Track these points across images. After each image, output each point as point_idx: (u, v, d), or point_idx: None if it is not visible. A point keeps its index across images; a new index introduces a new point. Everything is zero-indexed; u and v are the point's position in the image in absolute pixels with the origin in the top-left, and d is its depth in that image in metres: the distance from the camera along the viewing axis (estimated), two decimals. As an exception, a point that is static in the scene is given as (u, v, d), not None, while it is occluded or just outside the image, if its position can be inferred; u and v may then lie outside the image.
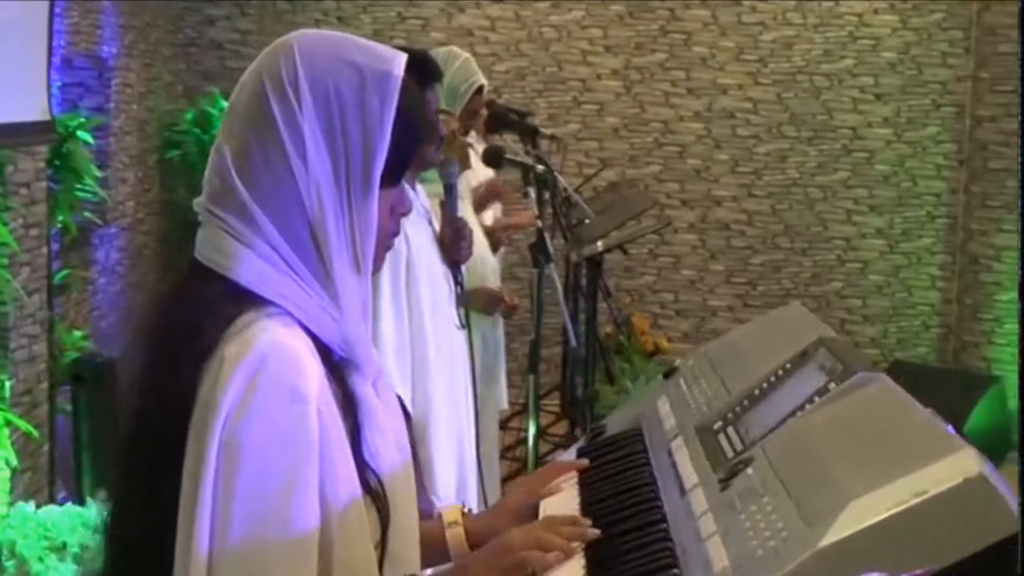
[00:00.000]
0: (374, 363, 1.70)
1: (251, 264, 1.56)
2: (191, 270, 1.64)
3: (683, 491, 1.85)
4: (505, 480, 5.16)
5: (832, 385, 1.83)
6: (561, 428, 6.26)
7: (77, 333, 4.85)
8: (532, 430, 4.92)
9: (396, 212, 1.70)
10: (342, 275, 1.59)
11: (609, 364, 6.07)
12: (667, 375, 2.41)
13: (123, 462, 1.66)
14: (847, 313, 7.66)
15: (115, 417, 4.33)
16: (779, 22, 7.57)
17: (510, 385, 4.75)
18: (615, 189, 6.93)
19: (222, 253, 1.58)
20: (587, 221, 5.52)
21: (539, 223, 4.65)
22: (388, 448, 1.69)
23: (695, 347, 7.59)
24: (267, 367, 1.49)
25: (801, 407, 1.84)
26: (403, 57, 1.64)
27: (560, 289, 4.88)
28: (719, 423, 2.02)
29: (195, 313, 1.57)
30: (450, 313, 3.18)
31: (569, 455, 2.33)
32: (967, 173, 7.48)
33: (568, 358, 6.01)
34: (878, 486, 1.44)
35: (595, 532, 1.84)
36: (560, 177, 5.13)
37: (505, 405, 4.92)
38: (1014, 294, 7.15)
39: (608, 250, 5.15)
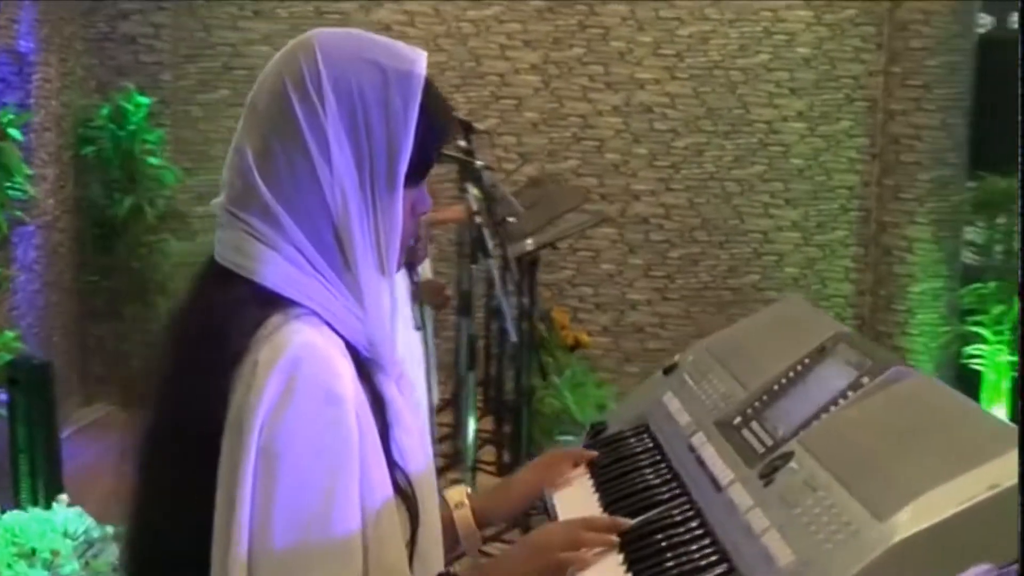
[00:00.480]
0: (397, 363, 1.69)
1: (276, 266, 1.55)
2: (211, 274, 1.62)
3: (719, 487, 1.86)
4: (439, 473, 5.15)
5: (865, 380, 1.86)
6: (487, 423, 6.26)
7: (9, 334, 4.73)
8: (472, 426, 4.93)
9: (416, 211, 1.69)
10: (367, 276, 1.58)
11: (541, 359, 6.09)
12: (667, 371, 2.43)
13: (149, 476, 1.63)
14: (764, 305, 7.77)
15: (52, 421, 4.22)
16: (696, 17, 7.66)
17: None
18: (536, 184, 6.95)
19: (246, 255, 1.56)
20: (512, 219, 5.52)
21: (478, 219, 4.64)
22: (415, 448, 1.69)
23: (615, 341, 7.64)
24: (302, 370, 1.48)
25: (834, 402, 1.87)
26: (424, 56, 1.63)
27: (499, 283, 4.87)
28: (739, 419, 2.04)
29: (221, 318, 1.54)
30: (406, 313, 3.17)
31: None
32: (879, 166, 7.65)
33: (494, 353, 6.01)
34: (947, 479, 1.47)
35: (628, 521, 1.85)
36: (487, 172, 5.12)
37: (436, 400, 4.92)
38: (926, 285, 7.35)
39: (544, 246, 5.16)
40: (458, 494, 2.06)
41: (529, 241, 5.26)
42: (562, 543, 1.76)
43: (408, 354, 3.13)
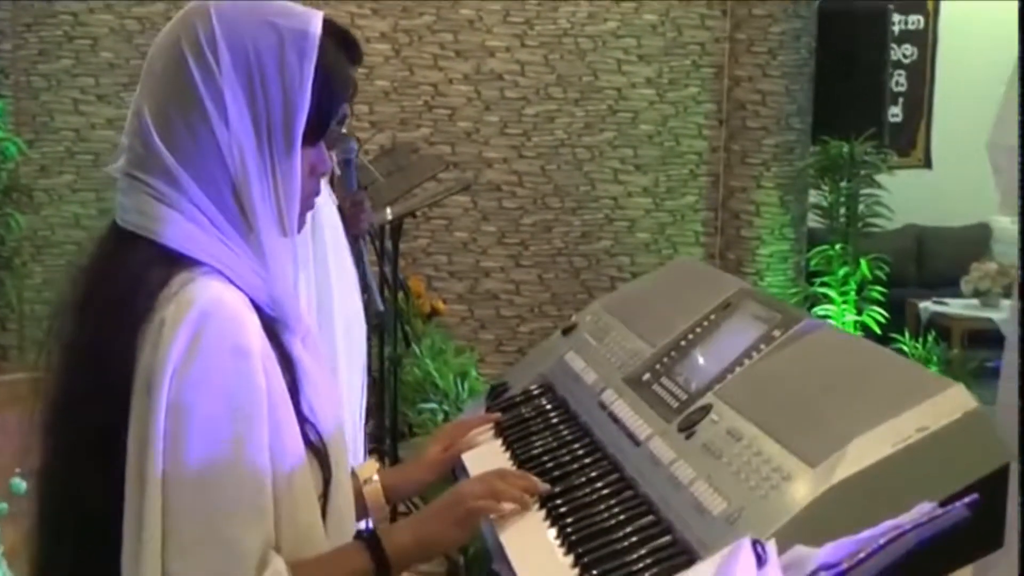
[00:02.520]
0: (303, 322, 1.71)
1: (178, 226, 1.57)
2: (113, 237, 1.63)
3: (637, 442, 1.90)
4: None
5: (776, 332, 1.91)
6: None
7: None
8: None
9: (316, 172, 1.73)
10: (268, 236, 1.61)
11: (406, 327, 6.08)
12: (565, 331, 2.46)
13: (59, 440, 1.62)
14: (616, 271, 7.89)
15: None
16: (544, -16, 7.70)
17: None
18: (391, 153, 6.92)
19: (148, 217, 1.58)
20: (372, 184, 5.49)
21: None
22: (324, 405, 1.71)
23: (469, 308, 7.65)
24: (208, 324, 1.50)
25: (747, 355, 1.91)
26: (319, 16, 1.67)
27: (365, 254, 4.84)
28: (648, 375, 2.08)
29: (126, 279, 1.57)
30: (354, 278, 3.18)
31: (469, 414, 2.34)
32: (726, 132, 7.80)
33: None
34: (875, 424, 1.53)
35: (546, 487, 1.88)
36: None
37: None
38: (773, 248, 7.54)
39: (405, 215, 5.14)
40: (368, 469, 2.09)
41: (388, 211, 5.23)
42: (475, 493, 1.79)
43: (356, 321, 3.12)
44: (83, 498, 1.57)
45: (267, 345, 1.57)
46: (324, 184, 3.09)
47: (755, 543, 1.04)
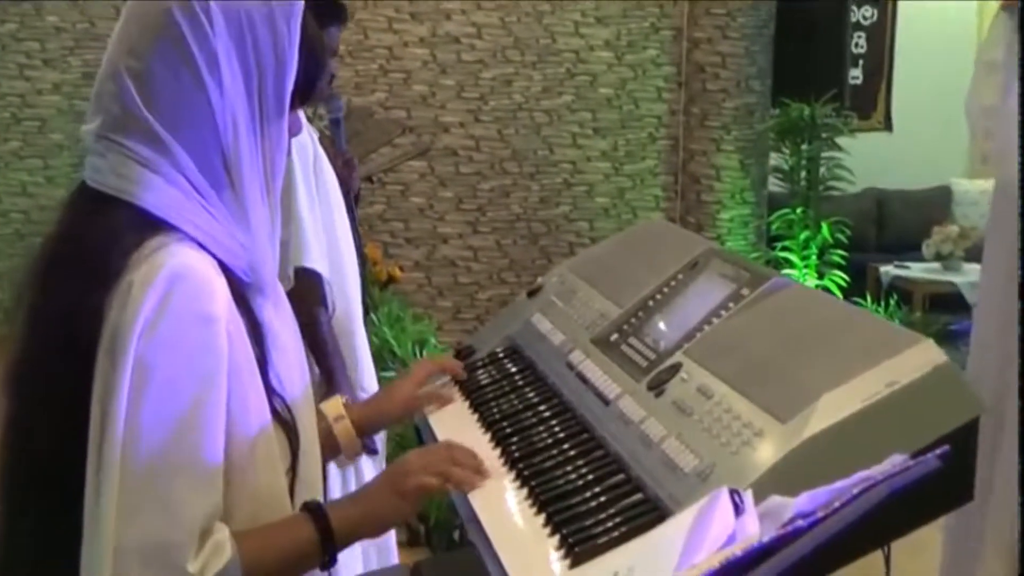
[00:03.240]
0: (277, 286, 1.72)
1: (158, 190, 1.57)
2: (84, 199, 1.63)
3: (606, 401, 1.92)
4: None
5: (745, 291, 1.94)
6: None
7: None
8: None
9: (292, 134, 1.74)
10: (252, 199, 1.62)
11: (364, 295, 6.08)
12: (531, 294, 2.48)
13: (23, 398, 1.63)
14: (575, 236, 7.92)
15: None
16: (499, -54, 7.69)
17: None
18: (347, 118, 6.89)
19: (127, 180, 1.58)
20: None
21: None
22: (293, 373, 1.72)
23: (427, 276, 7.65)
24: (177, 289, 1.51)
25: (716, 314, 1.94)
26: None
27: (356, 212, 4.84)
28: (616, 335, 2.11)
29: (99, 240, 1.57)
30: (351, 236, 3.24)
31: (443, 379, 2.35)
32: (686, 95, 7.83)
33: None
34: (845, 380, 1.56)
35: (487, 474, 1.87)
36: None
37: None
38: (734, 212, 7.59)
39: (367, 179, 5.14)
40: (335, 407, 2.10)
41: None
42: (421, 467, 1.80)
43: (354, 277, 3.17)
44: (46, 459, 1.58)
45: (235, 312, 1.58)
46: (317, 141, 3.13)
47: (733, 492, 1.07)
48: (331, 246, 3.08)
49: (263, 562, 1.59)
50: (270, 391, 1.65)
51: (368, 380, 3.20)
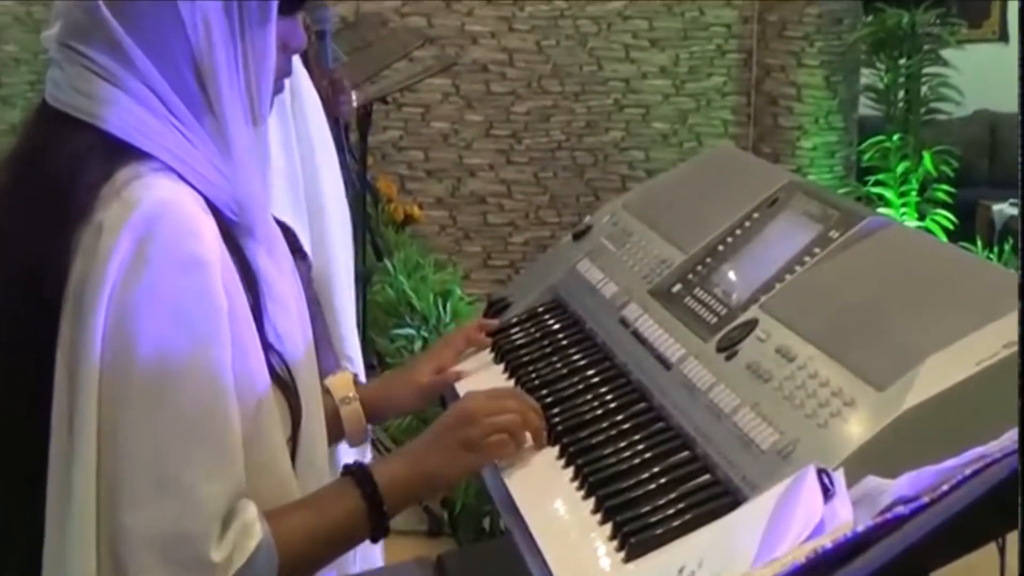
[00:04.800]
0: (271, 227, 1.72)
1: (125, 109, 1.57)
2: (44, 120, 1.63)
3: (667, 365, 1.92)
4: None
5: (834, 233, 1.93)
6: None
7: None
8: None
9: (289, 48, 1.75)
10: (234, 122, 1.61)
11: (376, 237, 6.10)
12: (577, 236, 2.48)
13: None
14: (628, 168, 7.90)
15: None
16: None
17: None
18: (355, 27, 6.88)
19: (88, 97, 1.57)
20: (336, 64, 5.48)
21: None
22: (292, 328, 1.72)
23: (451, 215, 7.66)
24: (157, 231, 1.50)
25: (799, 261, 1.94)
26: None
27: (346, 141, 4.86)
28: (679, 285, 2.11)
29: (60, 171, 1.56)
30: (339, 170, 3.22)
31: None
32: (760, -1, 7.80)
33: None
34: (954, 339, 1.55)
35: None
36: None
37: None
38: (819, 140, 7.56)
39: (380, 100, 5.14)
40: (343, 384, 2.10)
41: (354, 96, 5.22)
42: (488, 413, 1.80)
43: (345, 219, 3.16)
44: (6, 429, 1.58)
45: (227, 256, 1.58)
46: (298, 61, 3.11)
47: (821, 472, 1.06)
48: (310, 187, 3.05)
49: (303, 540, 1.60)
50: (267, 347, 1.65)
51: (352, 349, 3.17)
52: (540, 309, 2.32)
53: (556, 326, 2.25)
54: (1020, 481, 1.08)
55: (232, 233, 1.63)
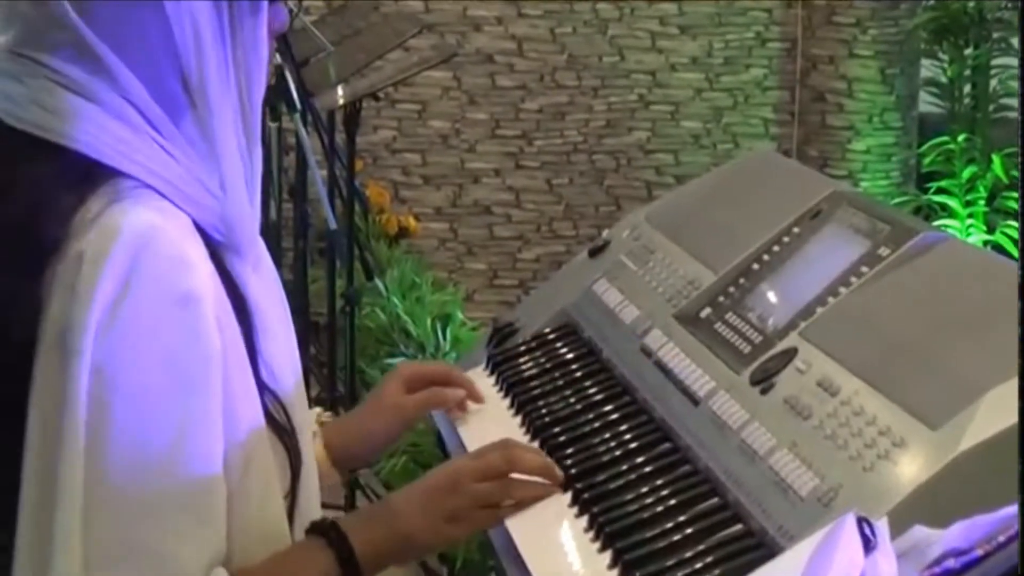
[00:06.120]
0: (258, 244, 1.73)
1: (97, 124, 1.56)
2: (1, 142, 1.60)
3: (695, 400, 1.95)
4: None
5: (884, 250, 1.96)
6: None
7: None
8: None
9: (272, 29, 1.72)
10: (223, 131, 1.62)
11: (366, 252, 6.12)
12: (593, 253, 2.50)
13: None
14: (654, 174, 7.90)
15: None
16: None
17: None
18: (343, 12, 6.89)
19: (54, 113, 1.56)
20: (316, 56, 5.51)
21: (276, 58, 4.64)
22: (283, 359, 1.73)
23: (451, 227, 7.66)
24: (144, 261, 1.51)
25: (844, 282, 1.97)
26: None
27: (310, 150, 4.89)
28: (708, 309, 2.13)
29: (26, 202, 1.55)
30: None
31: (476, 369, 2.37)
32: (807, -20, 7.81)
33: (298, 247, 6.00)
34: (1016, 373, 1.57)
35: (560, 474, 1.91)
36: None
37: None
38: (872, 140, 7.56)
39: (371, 96, 5.16)
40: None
41: (340, 91, 5.24)
42: (478, 473, 1.83)
43: None
44: None
45: (220, 288, 1.59)
46: None
47: (861, 521, 1.09)
48: None
49: None
50: (261, 387, 1.66)
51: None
52: (551, 335, 2.34)
53: (569, 355, 2.28)
54: (1020, 486, 1.10)
55: (218, 254, 1.63)
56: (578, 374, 2.21)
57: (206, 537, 1.55)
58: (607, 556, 1.73)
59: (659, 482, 1.86)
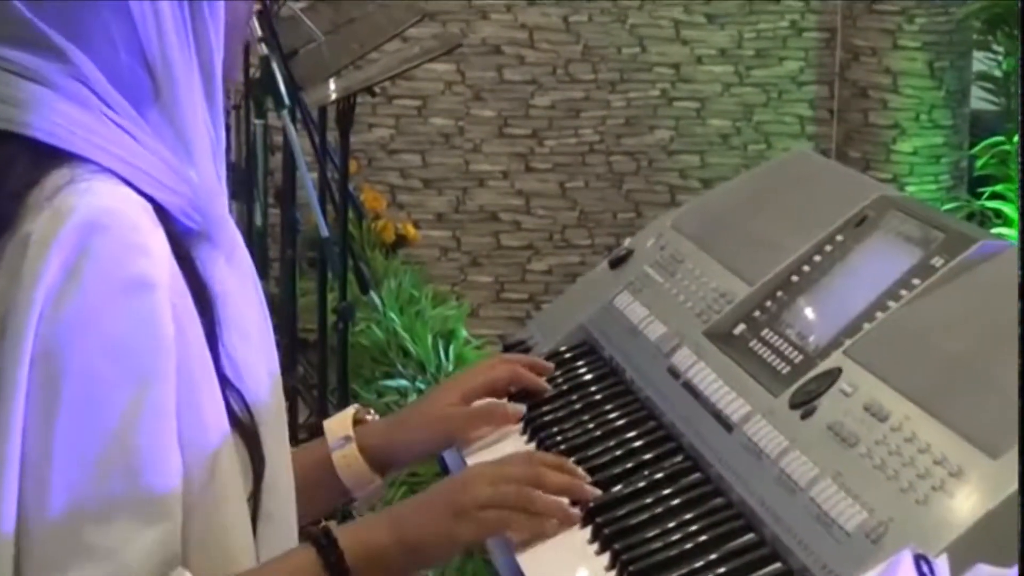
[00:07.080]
0: (231, 230, 1.74)
1: (54, 109, 1.59)
2: None
3: (729, 425, 1.95)
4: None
5: (937, 261, 1.95)
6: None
7: None
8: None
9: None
10: (188, 108, 1.65)
11: (360, 263, 6.11)
12: (615, 263, 2.49)
13: None
14: (679, 177, 7.91)
15: None
16: None
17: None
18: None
19: (6, 102, 1.59)
20: (307, 46, 5.52)
21: (262, 49, 4.66)
22: (255, 358, 1.74)
23: (454, 235, 7.67)
24: (95, 245, 1.52)
25: (893, 295, 1.96)
26: None
27: (299, 149, 4.89)
28: (743, 326, 2.13)
29: None
30: None
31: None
32: (847, -35, 7.83)
33: (286, 256, 6.01)
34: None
35: (595, 492, 1.92)
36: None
37: None
38: (920, 140, 7.56)
39: (366, 91, 5.16)
40: (340, 424, 2.12)
41: (332, 85, 5.25)
42: (490, 481, 1.84)
43: None
44: None
45: (178, 276, 1.61)
46: None
47: (919, 559, 1.09)
48: None
49: None
50: (224, 384, 1.67)
51: None
52: (568, 354, 2.34)
53: (588, 375, 2.27)
54: (1020, 482, 1.10)
55: (183, 244, 1.65)
56: (598, 397, 2.20)
57: (158, 532, 1.55)
58: (631, 598, 1.73)
59: (688, 516, 1.85)
